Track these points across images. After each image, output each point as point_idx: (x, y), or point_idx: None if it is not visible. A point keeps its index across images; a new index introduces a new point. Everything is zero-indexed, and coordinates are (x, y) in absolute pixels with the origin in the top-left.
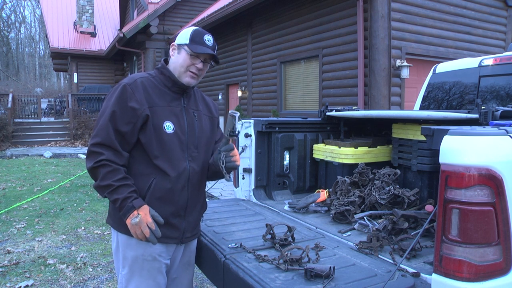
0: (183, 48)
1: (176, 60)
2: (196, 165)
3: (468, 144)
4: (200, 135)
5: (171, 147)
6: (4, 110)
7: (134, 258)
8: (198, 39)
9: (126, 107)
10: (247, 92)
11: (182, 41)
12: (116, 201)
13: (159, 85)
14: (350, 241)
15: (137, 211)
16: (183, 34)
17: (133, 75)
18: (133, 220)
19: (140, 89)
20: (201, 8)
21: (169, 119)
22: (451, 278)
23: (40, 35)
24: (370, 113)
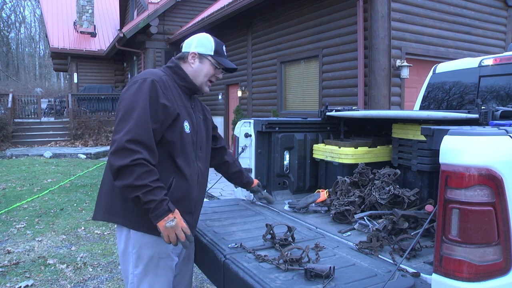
0: (206, 59)
1: (200, 69)
2: (201, 164)
3: (468, 144)
4: (203, 136)
5: (187, 146)
6: (4, 110)
7: (150, 256)
8: (221, 51)
9: (158, 103)
10: (247, 92)
11: (204, 51)
12: (151, 202)
13: (174, 84)
14: (350, 241)
15: (172, 214)
16: (204, 43)
17: (153, 71)
18: (168, 223)
19: (167, 87)
20: (201, 8)
21: (187, 119)
22: (451, 278)
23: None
24: (370, 113)
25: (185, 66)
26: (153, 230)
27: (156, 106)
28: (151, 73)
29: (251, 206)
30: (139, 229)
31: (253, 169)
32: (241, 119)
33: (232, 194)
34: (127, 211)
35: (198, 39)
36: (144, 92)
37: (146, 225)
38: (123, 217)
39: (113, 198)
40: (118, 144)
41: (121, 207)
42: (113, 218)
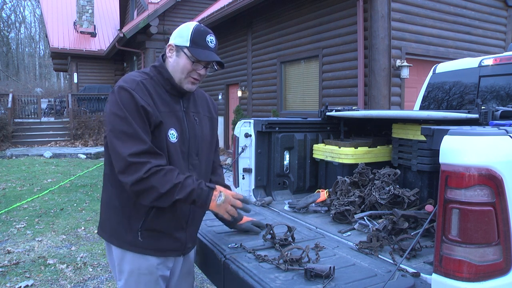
0: (183, 51)
1: (176, 64)
2: (197, 173)
3: (468, 144)
4: (201, 141)
5: (174, 158)
6: (4, 110)
7: (130, 271)
8: (200, 41)
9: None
10: (247, 92)
11: (181, 42)
12: (191, 192)
13: (158, 87)
14: (350, 241)
15: (216, 191)
16: (181, 33)
17: (130, 76)
18: (218, 199)
19: (145, 93)
20: (201, 8)
21: (173, 126)
22: (451, 278)
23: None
24: (370, 113)
25: (167, 62)
26: (133, 246)
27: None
28: (128, 79)
29: (251, 206)
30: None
31: (253, 169)
32: (241, 119)
33: None
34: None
35: (180, 28)
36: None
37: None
38: (108, 233)
39: (104, 212)
40: (122, 163)
41: (107, 223)
42: (102, 233)
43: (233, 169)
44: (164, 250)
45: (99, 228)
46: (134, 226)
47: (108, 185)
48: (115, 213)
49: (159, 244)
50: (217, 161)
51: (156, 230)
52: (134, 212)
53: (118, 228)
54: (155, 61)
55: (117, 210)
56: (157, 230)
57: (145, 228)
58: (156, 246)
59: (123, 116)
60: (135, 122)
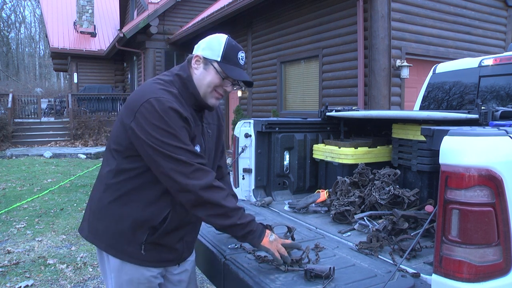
0: (212, 65)
1: (203, 77)
2: None
3: (468, 145)
4: (211, 153)
5: None
6: (4, 110)
7: (128, 281)
8: (232, 58)
9: (184, 129)
10: (247, 92)
11: (211, 55)
12: (250, 223)
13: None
14: (350, 242)
15: (266, 229)
16: (212, 46)
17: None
18: (270, 237)
19: (182, 106)
20: (201, 8)
21: (198, 142)
22: (451, 279)
23: (40, 35)
24: (370, 113)
25: (191, 72)
26: (133, 258)
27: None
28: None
29: (251, 206)
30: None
31: (253, 169)
32: (241, 119)
33: None
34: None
35: (209, 39)
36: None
37: (126, 253)
38: (105, 242)
39: (98, 219)
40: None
41: (104, 231)
42: (96, 241)
43: (233, 169)
44: (164, 261)
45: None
46: (138, 240)
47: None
48: (117, 224)
49: (160, 256)
50: (224, 168)
51: (160, 244)
52: (141, 228)
53: (119, 239)
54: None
55: (119, 221)
56: (161, 245)
57: (150, 242)
58: (157, 258)
59: (171, 132)
60: (185, 138)
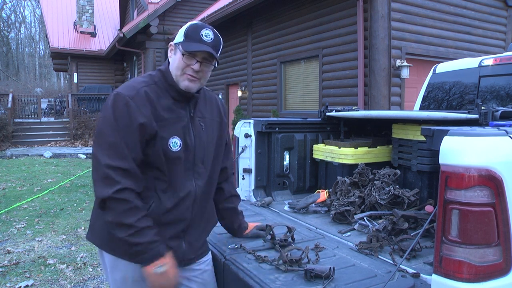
0: (178, 48)
1: (173, 61)
2: (201, 181)
3: (468, 145)
4: (207, 148)
5: (177, 167)
6: (4, 110)
7: (123, 278)
8: (193, 35)
9: (133, 126)
10: (247, 92)
11: (178, 39)
12: (139, 245)
13: (163, 92)
14: (350, 242)
15: (163, 258)
16: (180, 31)
17: (133, 83)
18: (158, 268)
19: (145, 101)
20: (201, 8)
21: (177, 134)
22: (451, 279)
23: (40, 35)
24: (370, 113)
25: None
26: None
27: (130, 127)
28: (130, 87)
29: (251, 206)
30: (111, 253)
31: (253, 169)
32: (241, 119)
33: None
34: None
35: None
36: (116, 111)
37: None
38: (100, 239)
39: (95, 217)
40: (99, 172)
41: (99, 229)
42: (92, 239)
43: (233, 169)
44: None
45: (89, 233)
46: None
47: None
48: None
49: None
50: (230, 168)
51: None
52: None
53: (111, 236)
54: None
55: None
56: None
57: None
58: None
59: (113, 126)
60: (124, 136)
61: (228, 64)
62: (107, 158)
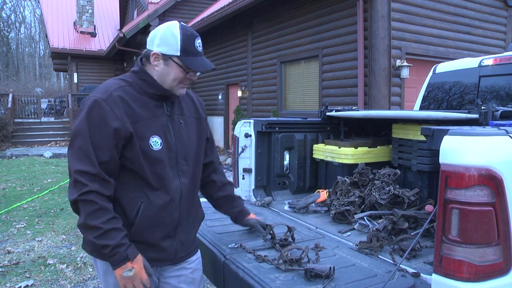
0: (172, 60)
1: (166, 73)
2: (186, 179)
3: (468, 144)
4: (188, 144)
5: (160, 166)
6: (4, 110)
7: (115, 284)
8: (191, 49)
9: (107, 130)
10: (247, 92)
11: (169, 51)
12: (106, 247)
13: (139, 93)
14: (350, 241)
15: (131, 263)
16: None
17: (106, 86)
18: (125, 272)
19: (119, 104)
20: (201, 8)
21: (156, 133)
22: (451, 278)
23: (40, 35)
24: (370, 113)
25: (150, 68)
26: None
27: (106, 132)
28: (103, 89)
29: (251, 206)
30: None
31: (253, 169)
32: (241, 119)
33: None
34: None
35: (162, 33)
36: (90, 116)
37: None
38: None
39: None
40: (71, 176)
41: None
42: (85, 246)
43: (233, 169)
44: (150, 260)
45: (83, 242)
46: None
47: None
48: None
49: (146, 255)
50: (216, 161)
51: (140, 242)
52: None
53: None
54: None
55: None
56: (142, 242)
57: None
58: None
59: (84, 131)
60: (95, 140)
61: (228, 64)
62: (77, 163)
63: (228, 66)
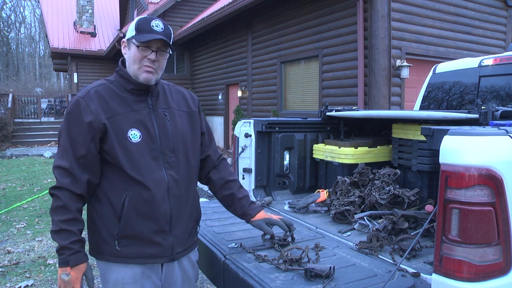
0: (131, 42)
1: (128, 57)
2: (175, 172)
3: (468, 144)
4: (175, 136)
5: (141, 157)
6: (4, 110)
7: (114, 282)
8: (144, 27)
9: (82, 124)
10: (247, 92)
11: (129, 34)
12: (57, 244)
13: (119, 90)
14: (350, 241)
15: (70, 269)
16: (130, 27)
17: (88, 86)
18: (62, 275)
19: (94, 99)
20: (201, 8)
21: (134, 126)
22: (451, 278)
23: (40, 35)
24: (370, 113)
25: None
26: (113, 257)
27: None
28: (83, 89)
29: None
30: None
31: (253, 169)
32: (241, 119)
33: None
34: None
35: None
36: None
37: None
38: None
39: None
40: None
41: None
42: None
43: (233, 169)
44: (146, 257)
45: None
46: (111, 236)
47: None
48: (92, 223)
49: (139, 251)
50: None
51: (133, 236)
52: (108, 222)
53: (96, 239)
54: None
55: (93, 221)
56: (134, 237)
57: (122, 236)
58: (137, 254)
59: (64, 128)
60: (71, 136)
61: (228, 64)
62: (57, 159)
63: (228, 66)
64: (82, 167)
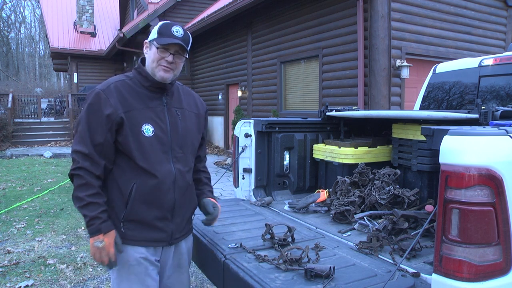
0: (152, 44)
1: (148, 57)
2: (182, 165)
3: (468, 144)
4: (184, 134)
5: (152, 150)
6: (4, 110)
7: (122, 263)
8: (166, 32)
9: (102, 115)
10: (247, 92)
11: (152, 36)
12: (85, 217)
13: (137, 86)
14: (350, 241)
15: (103, 235)
16: (153, 30)
17: (108, 80)
18: (96, 242)
19: (114, 94)
20: (201, 8)
21: (148, 121)
22: (451, 278)
23: (40, 35)
24: (370, 113)
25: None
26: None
27: (100, 118)
28: (104, 82)
29: (251, 206)
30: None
31: (253, 169)
32: (241, 119)
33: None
34: None
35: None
36: (88, 105)
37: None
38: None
39: None
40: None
41: None
42: None
43: (233, 169)
44: (150, 240)
45: None
46: (117, 218)
47: None
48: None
49: (143, 234)
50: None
51: (137, 221)
52: (116, 206)
53: None
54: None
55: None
56: (139, 221)
57: (127, 219)
58: (141, 237)
59: (84, 117)
60: (91, 125)
61: (228, 64)
62: (75, 144)
63: (228, 66)
64: (99, 153)
